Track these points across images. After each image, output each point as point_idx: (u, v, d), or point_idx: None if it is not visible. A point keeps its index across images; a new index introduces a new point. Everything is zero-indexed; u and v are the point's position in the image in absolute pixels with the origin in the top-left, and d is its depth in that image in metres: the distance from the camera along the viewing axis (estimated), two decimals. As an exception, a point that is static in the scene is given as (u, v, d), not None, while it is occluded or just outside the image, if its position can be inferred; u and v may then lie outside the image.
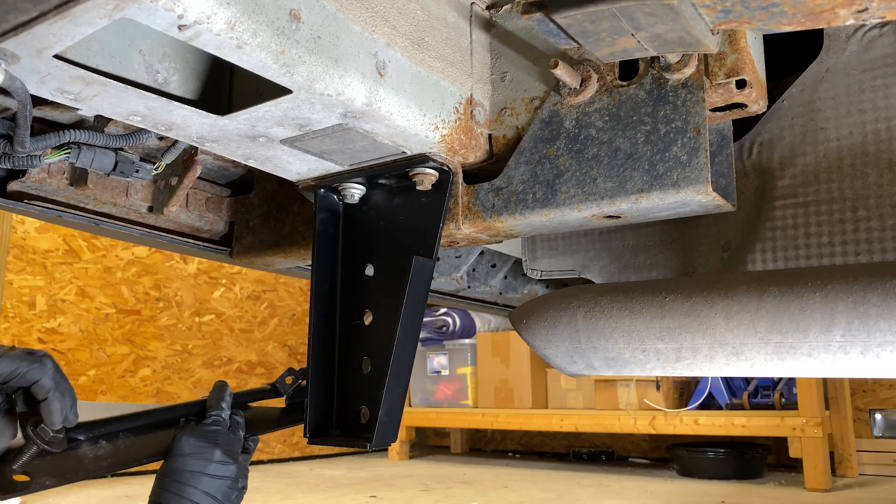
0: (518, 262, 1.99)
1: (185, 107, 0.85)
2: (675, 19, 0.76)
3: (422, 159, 1.01)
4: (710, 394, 4.07)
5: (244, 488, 1.02)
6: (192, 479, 0.96)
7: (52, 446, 0.95)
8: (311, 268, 1.11)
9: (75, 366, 4.09)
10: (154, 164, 1.14)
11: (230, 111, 0.88)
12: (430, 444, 6.07)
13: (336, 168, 1.06)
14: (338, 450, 5.48)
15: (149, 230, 1.31)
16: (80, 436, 1.00)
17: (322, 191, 1.11)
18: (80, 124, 1.10)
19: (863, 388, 4.37)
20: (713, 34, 0.84)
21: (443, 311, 5.08)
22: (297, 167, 1.05)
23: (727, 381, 4.07)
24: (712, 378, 4.05)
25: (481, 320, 5.13)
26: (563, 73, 0.95)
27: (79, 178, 1.16)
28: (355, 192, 1.10)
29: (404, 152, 1.00)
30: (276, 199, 1.33)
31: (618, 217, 0.99)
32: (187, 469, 0.97)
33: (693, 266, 1.42)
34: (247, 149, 0.97)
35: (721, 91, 0.91)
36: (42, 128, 1.09)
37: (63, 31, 0.65)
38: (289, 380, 1.21)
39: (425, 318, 4.89)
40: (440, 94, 0.97)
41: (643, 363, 1.31)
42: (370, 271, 1.09)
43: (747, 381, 4.08)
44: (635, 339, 1.29)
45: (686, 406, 4.14)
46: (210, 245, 1.42)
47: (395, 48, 0.90)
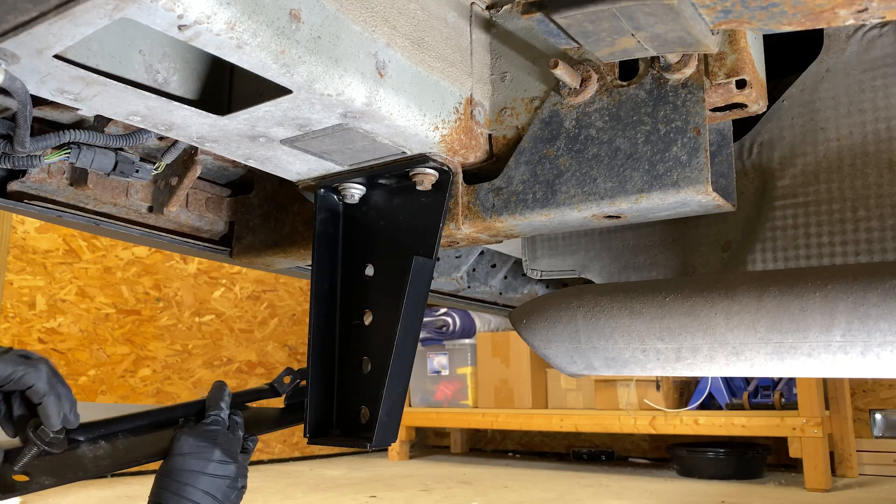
0: (518, 262, 1.99)
1: (185, 107, 0.85)
2: (675, 19, 0.76)
3: (422, 159, 1.01)
4: (710, 394, 4.07)
5: (243, 488, 1.02)
6: (192, 478, 0.96)
7: (52, 447, 0.95)
8: (311, 268, 1.11)
9: (75, 366, 4.09)
10: (154, 164, 1.14)
11: (230, 111, 0.88)
12: (430, 444, 6.07)
13: (336, 168, 1.06)
14: (338, 450, 5.48)
15: (149, 230, 1.31)
16: (79, 436, 1.01)
17: (322, 191, 1.11)
18: (80, 124, 1.10)
19: (863, 388, 4.37)
20: (713, 34, 0.84)
21: (443, 311, 5.08)
22: (297, 167, 1.05)
23: (727, 381, 4.07)
24: (712, 378, 4.05)
25: (481, 320, 5.13)
26: (563, 73, 0.95)
27: (79, 178, 1.16)
28: (355, 192, 1.10)
29: (404, 152, 1.00)
30: (276, 199, 1.33)
31: (618, 217, 0.99)
32: (187, 469, 0.97)
33: (693, 266, 1.41)
34: (247, 149, 0.97)
35: (721, 91, 0.91)
36: (42, 128, 1.09)
37: (63, 31, 0.65)
38: (287, 379, 1.21)
39: (425, 318, 4.89)
40: (440, 94, 0.97)
41: (643, 363, 1.31)
42: (370, 271, 1.09)
43: (747, 381, 4.08)
44: (635, 339, 1.29)
45: (686, 406, 4.14)
46: (210, 245, 1.42)
47: (395, 48, 0.90)
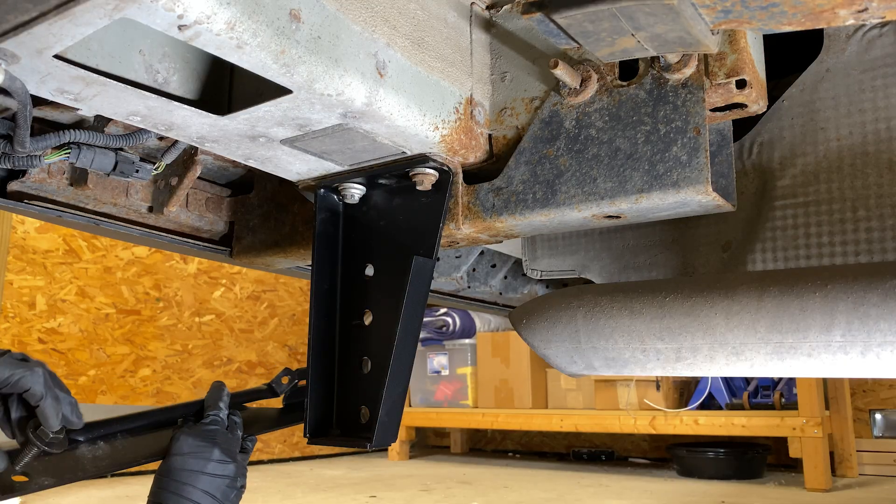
0: (518, 262, 1.99)
1: (185, 107, 0.85)
2: (675, 19, 0.76)
3: (422, 159, 1.01)
4: (710, 394, 4.07)
5: (243, 487, 1.02)
6: (192, 478, 0.96)
7: (52, 448, 0.95)
8: (311, 268, 1.11)
9: (75, 366, 4.09)
10: (154, 164, 1.14)
11: (230, 111, 0.88)
12: (430, 444, 6.07)
13: (336, 168, 1.06)
14: (338, 450, 5.48)
15: (149, 230, 1.31)
16: (78, 437, 1.01)
17: (322, 191, 1.11)
18: (80, 124, 1.10)
19: (863, 388, 4.37)
20: (713, 34, 0.84)
21: (443, 311, 5.08)
22: (297, 167, 1.05)
23: (727, 381, 4.07)
24: (712, 378, 4.05)
25: (481, 320, 5.13)
26: (563, 73, 0.95)
27: (79, 178, 1.16)
28: (355, 192, 1.10)
29: (404, 152, 1.00)
30: (276, 199, 1.33)
31: (618, 217, 0.99)
32: (186, 468, 0.97)
33: (693, 266, 1.41)
34: (247, 149, 0.97)
35: (721, 91, 0.91)
36: (42, 128, 1.09)
37: (63, 31, 0.65)
38: (285, 380, 1.22)
39: (425, 318, 4.89)
40: (440, 94, 0.97)
41: (643, 363, 1.31)
42: (370, 271, 1.09)
43: (747, 381, 4.08)
44: (635, 339, 1.29)
45: (686, 406, 4.14)
46: (210, 245, 1.42)
47: (395, 48, 0.90)
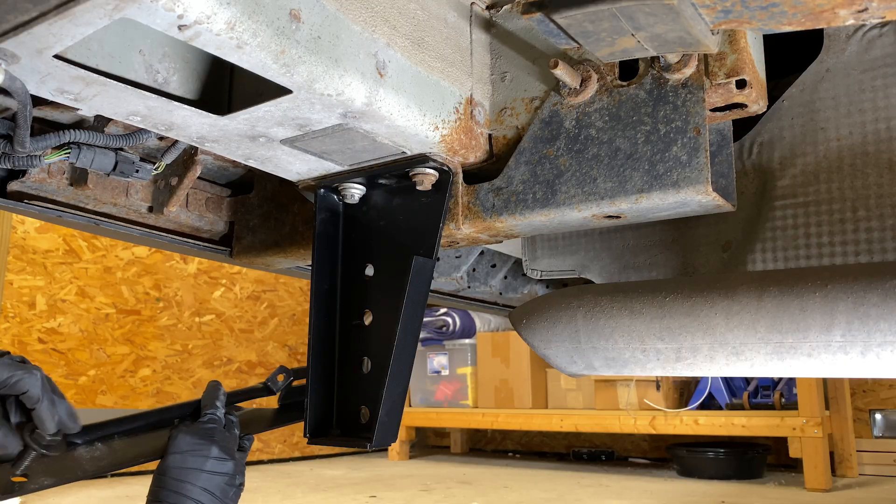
0: (518, 262, 1.99)
1: (185, 107, 0.85)
2: (675, 19, 0.76)
3: (422, 159, 1.01)
4: (710, 394, 4.07)
5: (241, 485, 1.02)
6: (191, 475, 0.96)
7: (49, 450, 0.96)
8: (311, 268, 1.11)
9: (75, 366, 4.09)
10: (154, 164, 1.14)
11: (230, 111, 0.88)
12: (430, 444, 6.07)
13: (336, 168, 1.06)
14: (338, 450, 5.48)
15: (149, 230, 1.31)
16: (75, 440, 1.01)
17: (322, 191, 1.11)
18: (80, 124, 1.10)
19: (863, 388, 4.37)
20: (713, 34, 0.84)
21: (443, 311, 5.08)
22: (297, 167, 1.05)
23: (727, 381, 4.07)
24: (712, 378, 4.05)
25: (481, 320, 5.13)
26: (563, 73, 0.95)
27: (79, 178, 1.16)
28: (355, 192, 1.10)
29: (404, 152, 1.00)
30: (276, 199, 1.33)
31: (618, 217, 0.99)
32: (185, 466, 0.97)
33: (693, 266, 1.41)
34: (247, 149, 0.97)
35: (721, 91, 0.91)
36: (42, 128, 1.09)
37: (63, 31, 0.65)
38: (280, 378, 1.22)
39: (425, 318, 4.89)
40: (440, 94, 0.97)
41: (643, 363, 1.31)
42: (370, 271, 1.09)
43: (747, 381, 4.08)
44: (635, 339, 1.29)
45: (686, 406, 4.14)
46: (210, 245, 1.42)
47: (395, 48, 0.90)
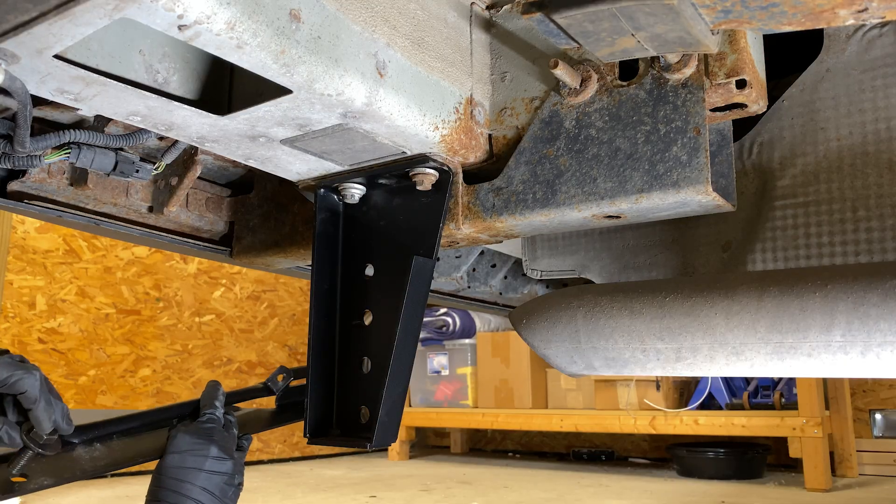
0: (518, 262, 1.99)
1: (185, 107, 0.85)
2: (675, 19, 0.76)
3: (422, 159, 1.01)
4: (710, 394, 4.07)
5: (240, 485, 1.02)
6: (190, 475, 0.96)
7: (46, 450, 0.96)
8: (311, 268, 1.11)
9: (75, 366, 4.09)
10: (154, 164, 1.14)
11: (230, 111, 0.88)
12: (430, 444, 6.07)
13: (336, 168, 1.06)
14: (338, 450, 5.48)
15: (149, 230, 1.31)
16: (74, 439, 1.01)
17: (322, 191, 1.11)
18: (80, 124, 1.10)
19: (863, 388, 4.37)
20: (713, 34, 0.84)
21: (443, 311, 5.08)
22: (297, 167, 1.05)
23: (727, 381, 4.07)
24: (712, 378, 4.05)
25: (481, 320, 5.13)
26: (563, 73, 0.95)
27: (79, 178, 1.16)
28: (355, 192, 1.10)
29: (404, 152, 1.00)
30: (276, 199, 1.33)
31: (618, 217, 0.99)
32: (184, 466, 0.97)
33: (693, 266, 1.41)
34: (247, 149, 0.97)
35: (721, 91, 0.91)
36: (42, 128, 1.09)
37: (63, 31, 0.65)
38: (280, 378, 1.22)
39: (425, 318, 4.89)
40: (440, 94, 0.97)
41: (643, 363, 1.31)
42: (370, 271, 1.09)
43: (747, 381, 4.08)
44: (635, 339, 1.29)
45: (686, 406, 4.14)
46: (210, 245, 1.42)
47: (395, 48, 0.90)
